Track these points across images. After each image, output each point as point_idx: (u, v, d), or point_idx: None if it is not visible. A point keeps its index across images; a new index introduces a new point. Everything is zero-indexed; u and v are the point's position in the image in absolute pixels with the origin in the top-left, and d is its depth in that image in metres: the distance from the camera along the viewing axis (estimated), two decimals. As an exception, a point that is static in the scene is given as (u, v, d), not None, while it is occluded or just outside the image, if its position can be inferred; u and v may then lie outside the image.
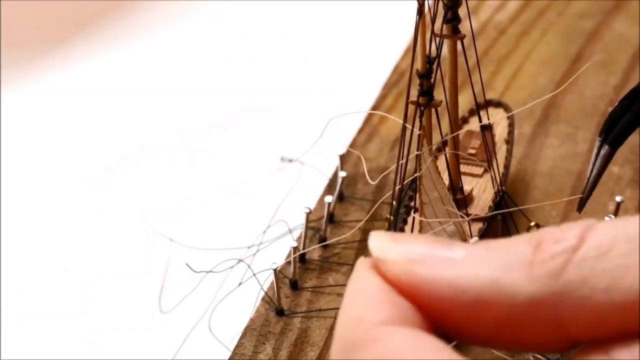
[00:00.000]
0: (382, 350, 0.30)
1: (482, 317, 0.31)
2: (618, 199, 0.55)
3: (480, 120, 0.54)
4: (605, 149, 0.50)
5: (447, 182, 0.53)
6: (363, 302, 0.32)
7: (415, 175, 0.47)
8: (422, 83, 0.47)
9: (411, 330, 0.31)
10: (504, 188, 0.54)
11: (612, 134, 0.49)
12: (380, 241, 0.33)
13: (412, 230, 0.48)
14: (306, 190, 0.62)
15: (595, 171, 0.50)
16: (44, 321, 0.57)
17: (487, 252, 0.32)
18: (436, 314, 0.32)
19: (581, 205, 0.52)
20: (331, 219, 0.58)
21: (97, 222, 0.63)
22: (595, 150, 0.50)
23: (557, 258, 0.31)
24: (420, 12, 0.46)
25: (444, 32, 0.49)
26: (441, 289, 0.31)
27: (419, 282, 0.31)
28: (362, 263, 0.33)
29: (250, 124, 0.70)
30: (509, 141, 0.58)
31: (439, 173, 0.48)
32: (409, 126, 0.47)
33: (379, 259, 0.32)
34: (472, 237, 0.51)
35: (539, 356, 0.49)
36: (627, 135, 0.50)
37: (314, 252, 0.56)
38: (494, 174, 0.54)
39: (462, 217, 0.51)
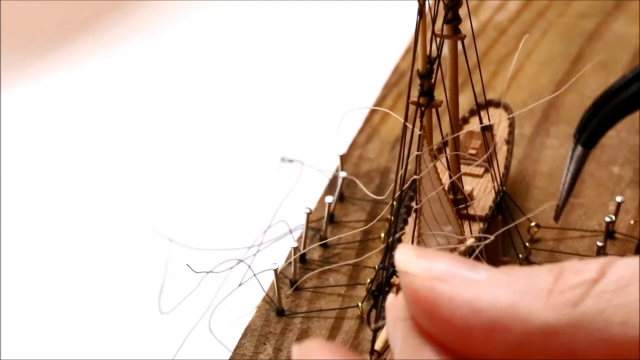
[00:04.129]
0: None
1: (496, 340, 0.32)
2: (618, 199, 0.55)
3: (480, 121, 0.54)
4: (579, 150, 0.50)
5: (447, 182, 0.53)
6: None
7: (415, 177, 0.47)
8: (423, 83, 0.47)
9: None
10: (504, 188, 0.54)
11: (585, 134, 0.49)
12: (406, 254, 0.34)
13: (414, 230, 0.48)
14: (306, 190, 0.62)
15: (570, 173, 0.50)
16: (44, 321, 0.57)
17: (508, 277, 0.32)
18: (451, 335, 0.32)
19: (558, 213, 0.52)
20: (331, 219, 0.58)
21: (97, 222, 0.63)
22: (570, 152, 0.50)
23: (576, 289, 0.31)
24: (421, 12, 0.46)
25: (445, 32, 0.49)
26: (459, 307, 0.32)
27: (438, 298, 0.32)
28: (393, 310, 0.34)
29: (250, 124, 0.70)
30: (509, 141, 0.58)
31: (439, 174, 0.48)
32: (409, 125, 0.47)
33: (402, 270, 0.33)
34: (471, 236, 0.51)
35: None
36: (599, 135, 0.50)
37: (315, 252, 0.56)
38: (495, 174, 0.54)
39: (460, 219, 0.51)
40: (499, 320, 0.32)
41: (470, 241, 0.51)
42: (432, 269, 0.33)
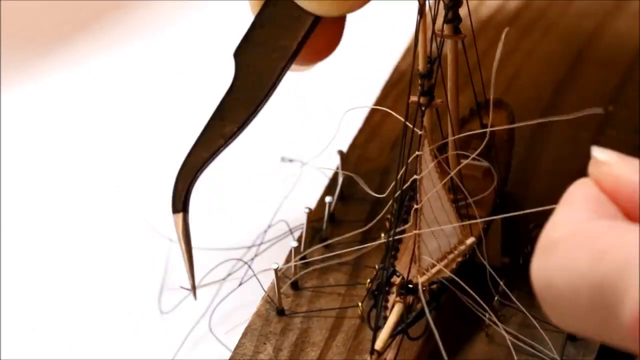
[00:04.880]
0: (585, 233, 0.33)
1: None
2: (618, 199, 0.55)
3: (480, 120, 0.54)
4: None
5: (448, 182, 0.53)
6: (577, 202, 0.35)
7: (415, 177, 0.47)
8: (423, 83, 0.47)
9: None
10: (504, 188, 0.54)
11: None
12: (605, 151, 0.38)
13: (415, 228, 0.48)
14: (306, 190, 0.62)
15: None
16: (44, 321, 0.57)
17: None
18: None
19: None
20: (332, 218, 0.58)
21: (96, 222, 0.63)
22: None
23: None
24: (421, 12, 0.46)
25: (445, 32, 0.49)
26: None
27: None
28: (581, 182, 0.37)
29: (250, 124, 0.70)
30: (510, 141, 0.58)
31: (439, 173, 0.49)
32: (410, 125, 0.47)
33: (602, 161, 0.37)
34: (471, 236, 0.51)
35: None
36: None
37: (315, 252, 0.56)
38: (495, 174, 0.54)
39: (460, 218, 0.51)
40: None
41: (470, 240, 0.51)
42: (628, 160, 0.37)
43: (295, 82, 0.73)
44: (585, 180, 0.37)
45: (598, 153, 0.38)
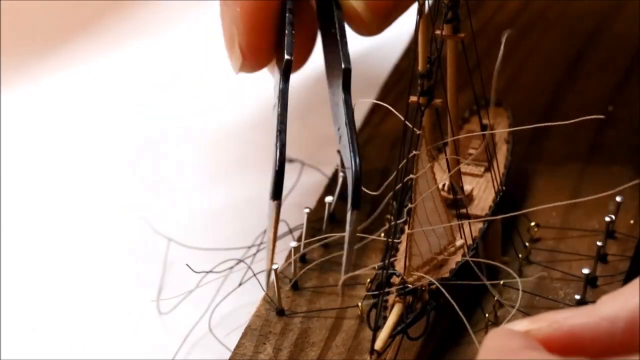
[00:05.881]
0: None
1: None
2: (618, 199, 0.55)
3: (480, 120, 0.54)
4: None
5: (447, 182, 0.53)
6: (500, 338, 0.37)
7: (411, 176, 0.47)
8: (423, 83, 0.47)
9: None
10: (504, 188, 0.54)
11: None
12: (519, 323, 0.39)
13: (408, 226, 0.48)
14: (306, 190, 0.62)
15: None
16: (44, 321, 0.57)
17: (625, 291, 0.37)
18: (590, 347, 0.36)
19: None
20: (332, 218, 0.58)
21: (96, 221, 0.63)
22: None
23: None
24: (421, 12, 0.46)
25: (445, 32, 0.49)
26: (597, 326, 0.36)
27: (573, 329, 0.37)
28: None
29: (250, 123, 0.70)
30: (509, 141, 0.58)
31: (434, 174, 0.49)
32: (410, 125, 0.47)
33: (529, 331, 0.38)
34: (464, 237, 0.51)
35: None
36: None
37: (314, 252, 0.56)
38: (494, 174, 0.54)
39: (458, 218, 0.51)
40: (635, 317, 0.36)
41: (459, 242, 0.51)
42: (554, 317, 0.38)
43: (296, 81, 0.73)
44: (503, 327, 0.40)
45: (514, 326, 0.39)
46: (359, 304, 0.52)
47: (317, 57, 0.75)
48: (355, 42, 0.77)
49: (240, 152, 0.67)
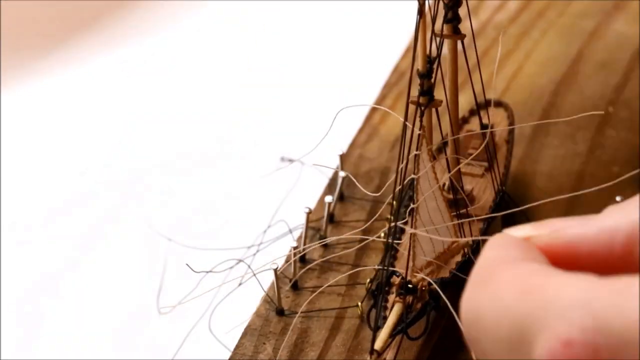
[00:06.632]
0: (514, 272, 0.33)
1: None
2: (618, 199, 0.55)
3: (480, 120, 0.54)
4: None
5: (447, 182, 0.53)
6: (500, 247, 0.35)
7: (413, 176, 0.47)
8: (423, 83, 0.47)
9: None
10: (504, 188, 0.54)
11: None
12: (519, 228, 0.37)
13: (411, 226, 0.48)
14: (306, 190, 0.62)
15: None
16: (44, 321, 0.57)
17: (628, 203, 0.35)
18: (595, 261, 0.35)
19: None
20: (331, 219, 0.58)
21: (96, 222, 0.63)
22: None
23: None
24: (421, 12, 0.46)
25: (445, 32, 0.49)
26: (596, 237, 0.35)
27: (573, 239, 0.35)
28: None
29: (250, 123, 0.70)
30: (509, 141, 0.58)
31: (436, 174, 0.48)
32: (409, 125, 0.47)
33: (530, 238, 0.36)
34: (464, 237, 0.51)
35: None
36: None
37: (314, 252, 0.56)
38: (495, 173, 0.54)
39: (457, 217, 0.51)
40: (635, 231, 0.34)
41: (462, 241, 0.51)
42: (553, 225, 0.36)
43: (296, 82, 0.74)
44: (504, 233, 0.37)
45: (516, 232, 0.38)
46: (359, 304, 0.52)
47: (317, 57, 0.76)
48: (356, 42, 0.77)
49: (242, 152, 0.67)
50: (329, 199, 0.57)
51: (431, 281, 0.47)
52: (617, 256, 0.34)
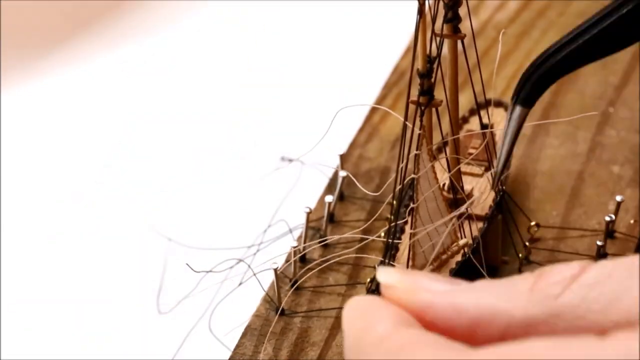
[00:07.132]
0: (391, 345, 0.34)
1: (479, 335, 0.34)
2: (618, 198, 0.55)
3: (480, 120, 0.54)
4: (517, 110, 0.49)
5: (447, 182, 0.53)
6: (367, 315, 0.36)
7: (413, 176, 0.47)
8: (423, 82, 0.47)
9: (416, 329, 0.35)
10: (504, 188, 0.54)
11: (523, 92, 0.49)
12: (388, 272, 0.37)
13: (411, 227, 0.48)
14: (306, 190, 0.62)
15: (509, 136, 0.50)
16: (44, 321, 0.57)
17: (489, 284, 0.35)
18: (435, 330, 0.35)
19: (495, 181, 0.52)
20: (331, 218, 0.58)
21: (96, 221, 0.63)
22: (507, 114, 0.50)
23: (557, 284, 0.34)
24: (421, 11, 0.46)
25: (445, 31, 0.49)
26: (444, 309, 0.35)
27: (423, 304, 0.36)
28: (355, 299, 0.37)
29: (250, 123, 0.70)
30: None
31: (436, 174, 0.48)
32: (409, 125, 0.47)
33: (387, 285, 0.37)
34: (464, 237, 0.51)
35: None
36: (538, 94, 0.49)
37: (314, 251, 0.56)
38: (494, 174, 0.54)
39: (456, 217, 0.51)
40: (483, 317, 0.34)
41: (462, 241, 0.51)
42: (416, 281, 0.36)
43: (296, 82, 0.74)
44: (360, 298, 0.38)
45: (384, 277, 0.38)
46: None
47: (317, 57, 0.76)
48: (356, 42, 0.77)
49: (241, 151, 0.67)
50: (329, 198, 0.57)
51: None
52: (460, 332, 0.35)
